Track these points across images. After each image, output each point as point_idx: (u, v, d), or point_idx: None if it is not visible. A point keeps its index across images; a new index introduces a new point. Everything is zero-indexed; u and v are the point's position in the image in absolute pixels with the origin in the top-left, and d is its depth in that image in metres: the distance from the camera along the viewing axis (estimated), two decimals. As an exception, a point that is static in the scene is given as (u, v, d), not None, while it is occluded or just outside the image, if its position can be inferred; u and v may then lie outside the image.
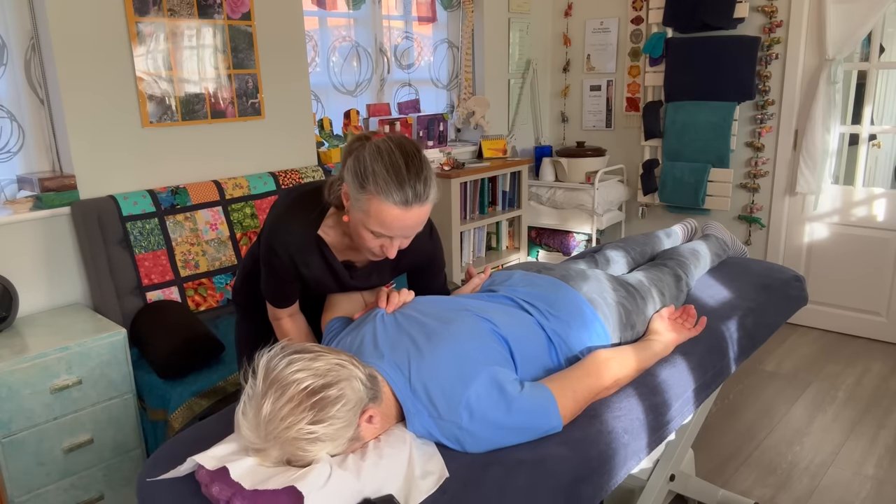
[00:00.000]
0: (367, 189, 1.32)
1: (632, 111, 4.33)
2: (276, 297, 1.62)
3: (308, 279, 1.56)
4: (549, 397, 1.25)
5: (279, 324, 1.68)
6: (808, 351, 3.61)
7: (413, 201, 1.32)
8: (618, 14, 4.26)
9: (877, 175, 4.35)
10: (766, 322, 1.86)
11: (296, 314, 1.70)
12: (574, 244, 4.27)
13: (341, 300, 1.64)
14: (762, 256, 3.99)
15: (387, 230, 1.35)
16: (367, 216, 1.34)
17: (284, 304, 1.63)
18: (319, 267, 1.54)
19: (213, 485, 1.09)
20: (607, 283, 1.65)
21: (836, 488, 2.42)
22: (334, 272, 1.57)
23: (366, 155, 1.33)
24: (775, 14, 3.66)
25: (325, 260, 1.54)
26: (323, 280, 1.57)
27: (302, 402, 1.07)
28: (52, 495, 2.13)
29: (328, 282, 1.59)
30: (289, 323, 1.68)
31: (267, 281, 1.60)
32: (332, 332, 1.51)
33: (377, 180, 1.30)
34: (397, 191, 1.30)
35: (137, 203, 2.53)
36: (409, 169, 1.31)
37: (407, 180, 1.31)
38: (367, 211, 1.34)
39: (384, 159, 1.31)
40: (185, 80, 2.72)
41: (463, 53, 4.08)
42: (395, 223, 1.34)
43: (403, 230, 1.36)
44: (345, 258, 1.59)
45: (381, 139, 1.36)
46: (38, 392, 2.05)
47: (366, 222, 1.35)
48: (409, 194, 1.31)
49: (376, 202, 1.31)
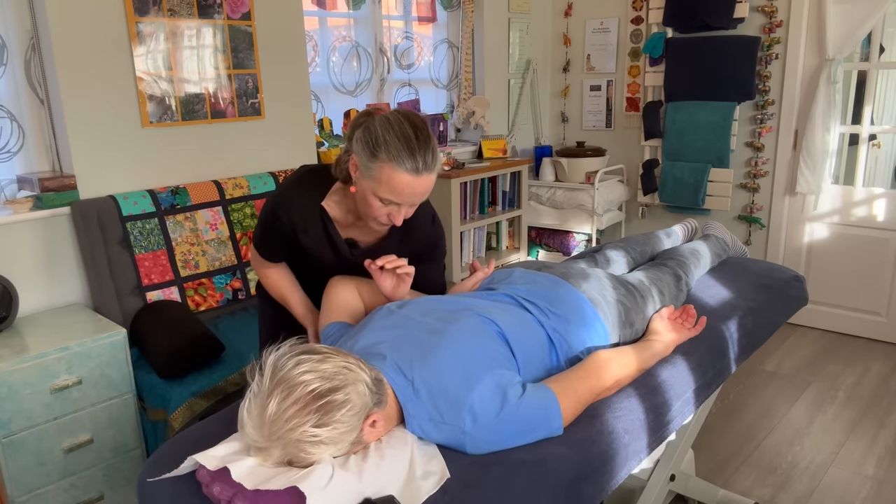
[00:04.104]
0: (378, 157, 1.39)
1: (632, 111, 4.33)
2: (262, 247, 1.71)
3: (306, 247, 1.63)
4: (552, 400, 1.25)
5: (265, 272, 1.76)
6: (808, 351, 3.61)
7: (423, 169, 1.40)
8: (618, 14, 4.26)
9: (877, 175, 4.35)
10: (766, 322, 1.86)
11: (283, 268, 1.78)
12: (574, 244, 4.27)
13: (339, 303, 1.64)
14: (762, 256, 4.00)
15: (397, 197, 1.42)
16: (379, 183, 1.41)
17: (267, 255, 1.73)
18: (318, 236, 1.62)
19: (214, 485, 1.09)
20: (607, 282, 1.65)
21: (836, 488, 2.42)
22: (333, 244, 1.64)
23: (376, 125, 1.40)
24: (775, 14, 3.66)
25: (325, 231, 1.62)
26: (321, 251, 1.65)
27: (308, 405, 1.07)
28: (52, 495, 2.13)
29: (326, 253, 1.65)
30: (276, 273, 1.77)
31: (262, 235, 1.68)
32: (331, 337, 1.50)
33: (389, 148, 1.38)
34: (409, 158, 1.38)
35: (137, 203, 2.52)
36: (418, 138, 1.39)
37: (417, 149, 1.38)
38: (378, 178, 1.40)
39: (395, 129, 1.39)
40: (185, 80, 2.72)
41: (463, 53, 4.08)
42: (406, 190, 1.41)
43: (412, 197, 1.43)
44: (348, 235, 1.65)
45: (389, 112, 1.43)
46: (38, 392, 2.05)
47: (376, 190, 1.42)
48: (419, 162, 1.39)
49: (388, 169, 1.39)
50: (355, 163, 1.46)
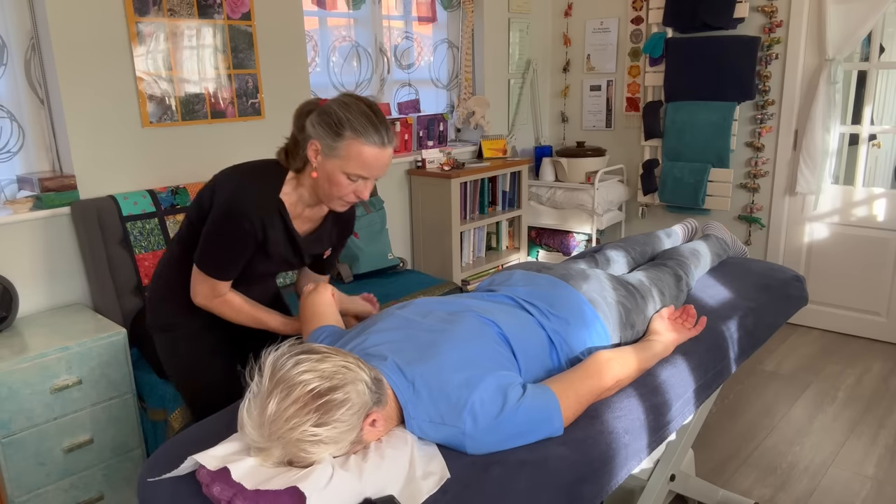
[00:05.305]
0: (344, 136, 1.50)
1: (632, 111, 4.33)
2: (224, 269, 1.65)
3: (271, 242, 1.66)
4: (552, 401, 1.25)
5: (224, 300, 1.72)
6: (808, 351, 3.61)
7: (387, 142, 1.54)
8: (618, 14, 4.26)
9: (877, 175, 4.36)
10: (766, 322, 1.86)
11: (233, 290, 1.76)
12: (574, 244, 4.27)
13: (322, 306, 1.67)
14: (762, 256, 4.00)
15: (367, 171, 1.54)
16: (347, 161, 1.52)
17: (232, 274, 1.67)
18: (280, 230, 1.67)
19: (214, 485, 1.09)
20: (607, 283, 1.65)
21: (836, 488, 2.42)
22: (291, 236, 1.70)
23: (334, 109, 1.52)
24: (775, 14, 3.66)
25: (284, 223, 1.67)
26: (281, 245, 1.69)
27: (307, 404, 1.07)
28: (52, 495, 2.13)
29: (284, 246, 1.70)
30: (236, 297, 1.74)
31: (218, 252, 1.63)
32: (322, 340, 1.48)
33: (354, 125, 1.50)
34: (374, 132, 1.51)
35: (137, 203, 2.52)
36: (376, 114, 1.53)
37: (378, 124, 1.52)
38: (345, 156, 1.52)
39: (354, 109, 1.51)
40: (185, 80, 2.72)
41: (463, 53, 4.08)
42: (376, 162, 1.53)
43: (381, 168, 1.56)
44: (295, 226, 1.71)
45: (338, 97, 1.55)
46: (38, 392, 2.05)
47: (345, 167, 1.53)
48: (383, 135, 1.53)
49: (356, 145, 1.51)
50: (316, 147, 1.54)
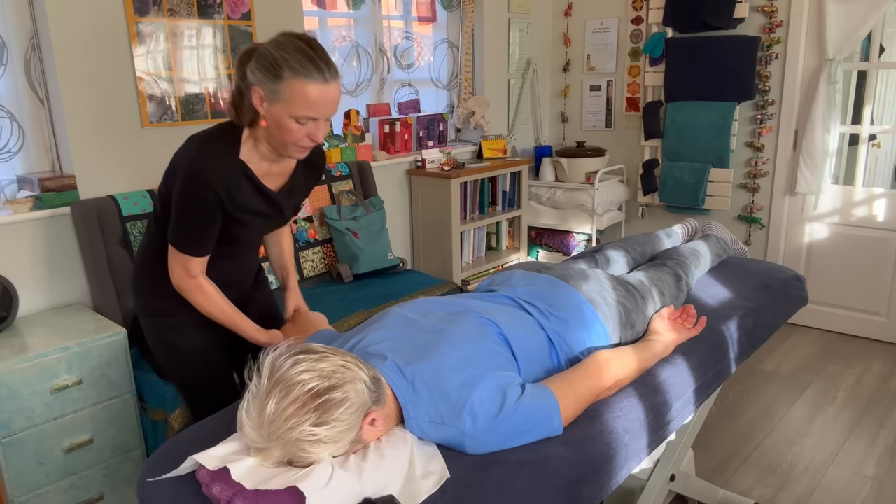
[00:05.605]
0: (283, 77, 1.42)
1: (632, 111, 4.33)
2: (196, 243, 1.58)
3: (242, 207, 1.60)
4: (551, 400, 1.25)
5: (197, 282, 1.64)
6: (808, 351, 3.61)
7: (330, 77, 1.44)
8: (618, 14, 4.26)
9: (877, 175, 4.36)
10: (766, 322, 1.86)
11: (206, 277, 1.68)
12: (574, 244, 4.27)
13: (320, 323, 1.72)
14: (762, 256, 4.00)
15: (313, 109, 1.45)
16: (292, 102, 1.43)
17: (205, 249, 1.61)
18: (250, 192, 1.61)
19: (214, 485, 1.09)
20: (607, 283, 1.65)
21: (836, 488, 2.42)
22: (264, 195, 1.64)
23: (270, 51, 1.43)
24: (775, 14, 3.66)
25: (253, 184, 1.61)
26: (256, 207, 1.63)
27: (306, 404, 1.07)
28: (52, 495, 2.13)
29: (261, 207, 1.64)
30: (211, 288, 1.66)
31: (188, 225, 1.56)
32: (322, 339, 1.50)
33: (292, 64, 1.41)
34: (314, 69, 1.42)
35: (137, 203, 2.52)
36: (314, 49, 1.43)
37: (318, 59, 1.43)
38: (289, 98, 1.43)
39: (289, 47, 1.42)
40: (185, 80, 2.72)
41: (463, 53, 4.08)
42: (320, 99, 1.44)
43: (328, 106, 1.46)
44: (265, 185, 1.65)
45: (274, 37, 1.46)
46: (38, 392, 2.05)
47: (291, 110, 1.44)
48: (324, 71, 1.43)
49: (298, 84, 1.42)
50: (260, 94, 1.46)
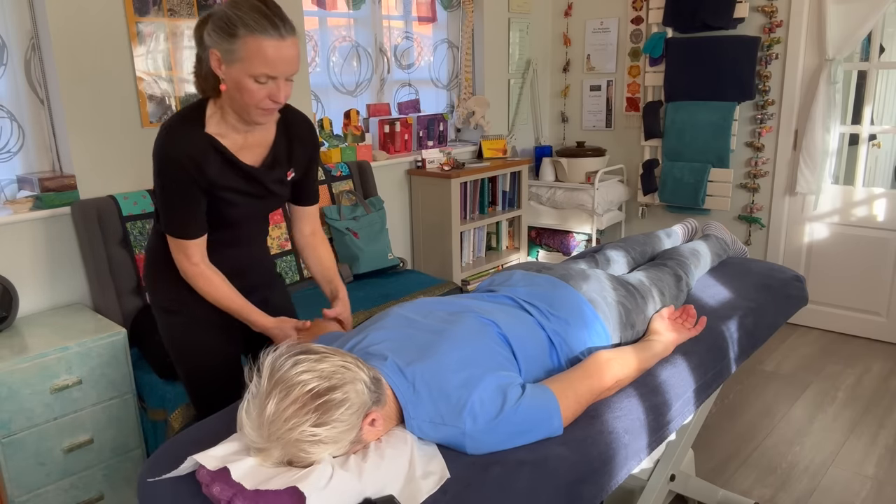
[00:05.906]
0: (238, 35, 1.40)
1: (632, 111, 4.33)
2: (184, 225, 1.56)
3: (218, 183, 1.56)
4: (551, 400, 1.25)
5: (200, 269, 1.61)
6: (808, 351, 3.61)
7: (286, 33, 1.42)
8: (618, 14, 4.26)
9: (877, 175, 4.36)
10: (766, 322, 1.86)
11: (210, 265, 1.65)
12: (574, 244, 4.27)
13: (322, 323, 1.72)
14: (762, 256, 4.00)
15: (271, 68, 1.42)
16: (249, 62, 1.41)
17: (196, 231, 1.58)
18: (220, 165, 1.57)
19: (214, 485, 1.09)
20: (607, 283, 1.65)
21: (836, 488, 2.42)
22: (239, 169, 1.59)
23: (224, 11, 1.42)
24: (775, 14, 3.66)
25: (223, 157, 1.57)
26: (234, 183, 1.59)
27: (306, 404, 1.07)
28: (52, 495, 2.13)
29: (238, 183, 1.60)
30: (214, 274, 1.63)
31: (170, 207, 1.55)
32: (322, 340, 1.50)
33: (246, 21, 1.39)
34: (269, 25, 1.40)
35: (137, 203, 2.52)
36: (268, 6, 1.42)
37: (273, 15, 1.41)
38: (245, 57, 1.41)
39: (244, 5, 1.41)
40: (185, 80, 2.72)
41: (463, 53, 4.08)
42: (277, 56, 1.41)
43: (286, 63, 1.43)
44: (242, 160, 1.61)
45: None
46: (38, 392, 2.05)
47: (249, 69, 1.42)
48: (279, 27, 1.41)
49: (253, 41, 1.39)
50: (217, 56, 1.44)
